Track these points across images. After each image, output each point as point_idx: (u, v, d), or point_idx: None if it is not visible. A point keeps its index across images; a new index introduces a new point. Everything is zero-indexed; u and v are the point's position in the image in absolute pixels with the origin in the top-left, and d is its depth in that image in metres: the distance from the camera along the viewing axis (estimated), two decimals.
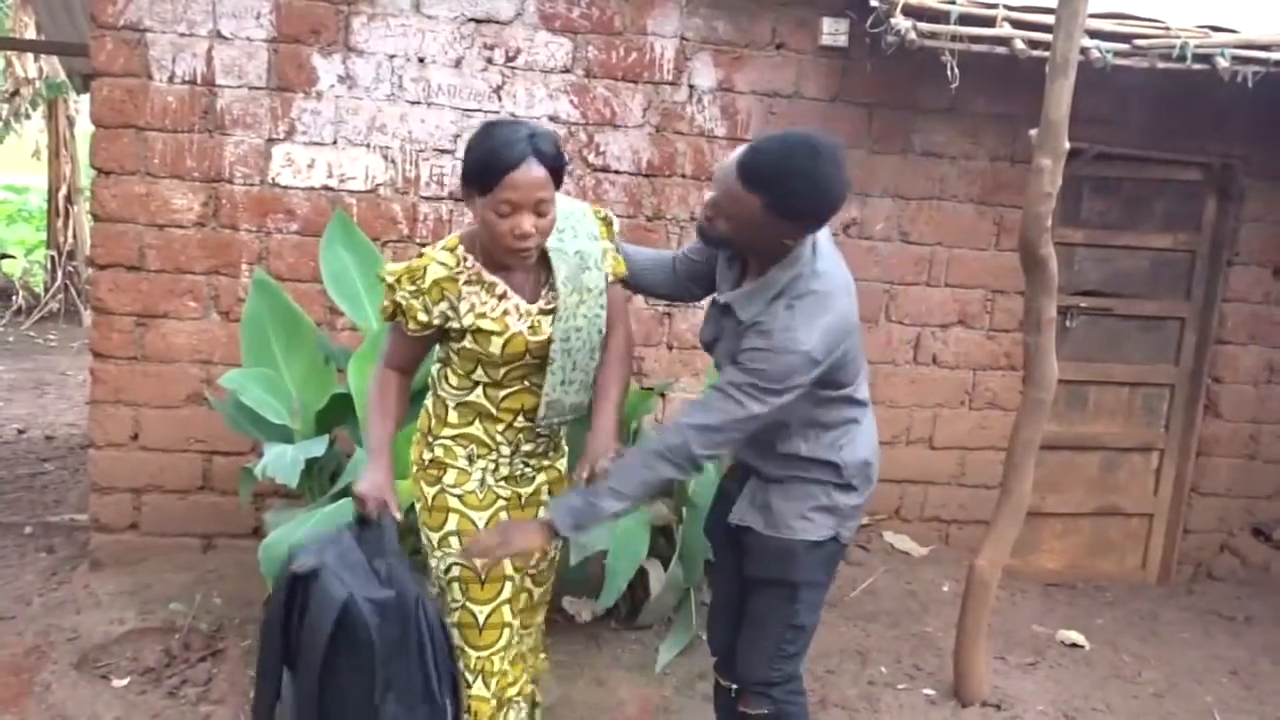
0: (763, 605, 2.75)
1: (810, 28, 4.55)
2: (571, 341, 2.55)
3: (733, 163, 2.41)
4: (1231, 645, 4.66)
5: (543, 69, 4.41)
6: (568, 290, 2.53)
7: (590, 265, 2.58)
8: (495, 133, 2.37)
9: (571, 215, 2.60)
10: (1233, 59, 4.17)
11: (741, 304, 2.55)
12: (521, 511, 2.70)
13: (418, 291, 2.48)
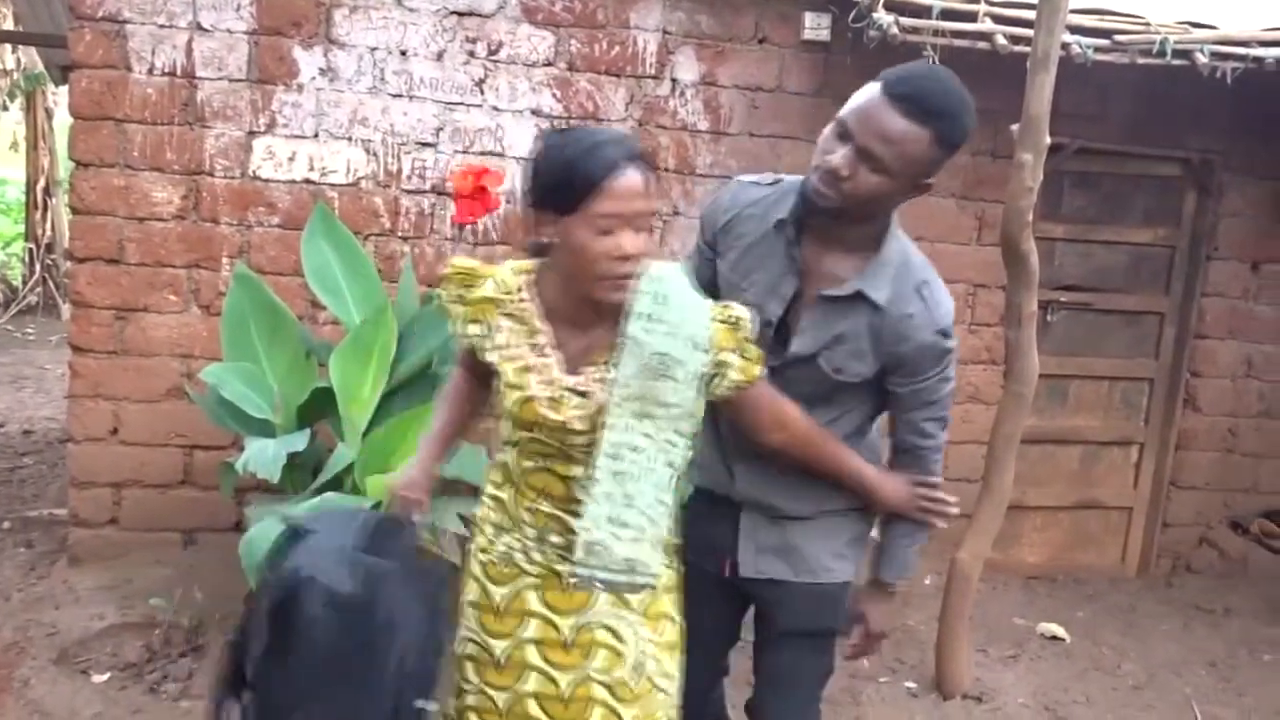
0: (794, 660, 2.43)
1: (793, 22, 4.55)
2: (624, 464, 1.96)
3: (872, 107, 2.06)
4: (1210, 638, 4.70)
5: (525, 62, 4.40)
6: (626, 393, 1.96)
7: (674, 376, 1.95)
8: (575, 138, 1.96)
9: (680, 306, 1.97)
10: (1212, 55, 4.19)
11: (873, 287, 2.19)
12: (560, 594, 2.10)
13: (459, 300, 2.11)
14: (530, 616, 2.12)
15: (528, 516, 2.11)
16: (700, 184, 4.58)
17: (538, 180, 1.97)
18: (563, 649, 2.10)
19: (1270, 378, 5.43)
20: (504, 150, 4.42)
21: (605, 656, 2.10)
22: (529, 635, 2.12)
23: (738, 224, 2.26)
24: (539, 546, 2.11)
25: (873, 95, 2.07)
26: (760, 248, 2.23)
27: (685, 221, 4.58)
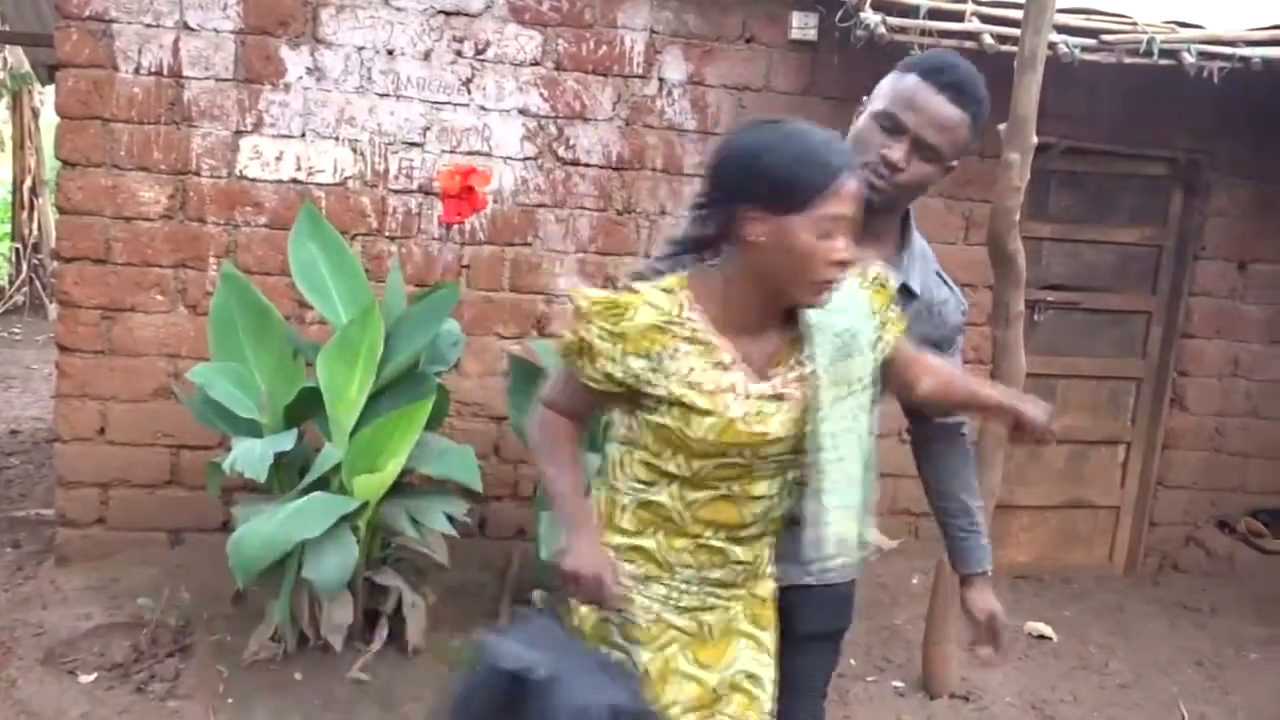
0: (811, 662, 2.38)
1: (780, 22, 4.55)
2: (841, 450, 1.93)
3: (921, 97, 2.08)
4: (1196, 636, 4.72)
5: (513, 62, 4.39)
6: (828, 380, 1.91)
7: (861, 349, 1.95)
8: (797, 134, 1.82)
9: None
10: (1199, 54, 4.20)
11: (911, 278, 2.23)
12: (707, 648, 2.01)
13: (615, 335, 1.87)
14: (683, 679, 2.00)
15: (687, 557, 1.97)
16: (688, 184, 4.57)
17: (759, 177, 1.79)
18: (709, 704, 2.02)
19: (1257, 377, 5.44)
20: (491, 150, 4.42)
21: (740, 701, 2.05)
22: (680, 698, 1.99)
23: None
24: (693, 587, 1.99)
25: (917, 85, 2.09)
26: None
27: (672, 222, 4.58)
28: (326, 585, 3.45)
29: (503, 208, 4.46)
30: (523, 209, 4.49)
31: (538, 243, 4.52)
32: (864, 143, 2.12)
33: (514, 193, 4.47)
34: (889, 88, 2.14)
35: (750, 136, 1.85)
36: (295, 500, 3.46)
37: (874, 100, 2.16)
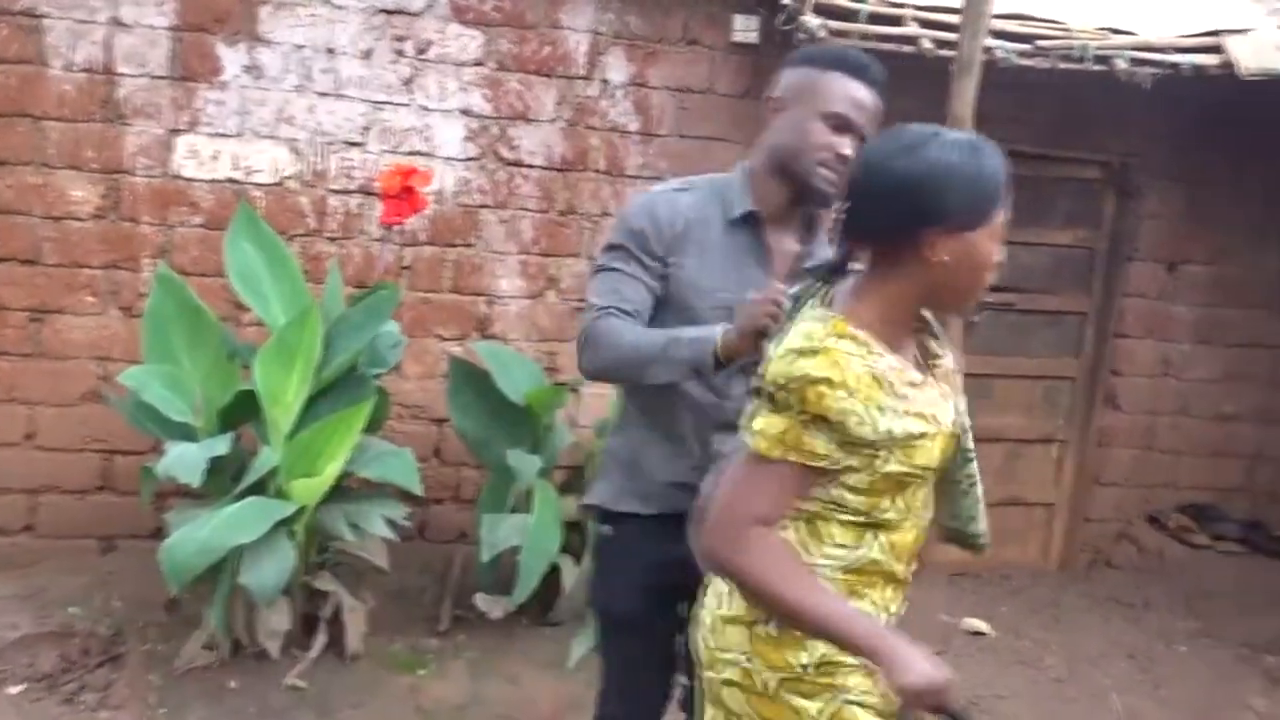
0: None
1: (722, 24, 4.57)
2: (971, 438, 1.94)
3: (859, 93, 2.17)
4: (1129, 630, 4.80)
5: (455, 61, 4.36)
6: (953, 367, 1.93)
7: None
8: (968, 146, 1.77)
9: None
10: (1131, 60, 4.28)
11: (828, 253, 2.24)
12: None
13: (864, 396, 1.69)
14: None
15: (894, 604, 1.88)
16: (630, 185, 4.57)
17: (949, 199, 1.70)
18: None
19: (1187, 376, 5.56)
20: (433, 150, 4.38)
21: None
22: None
23: (689, 230, 2.22)
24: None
25: (853, 84, 2.16)
26: (720, 247, 2.22)
27: None
28: (263, 591, 3.40)
29: (444, 208, 4.43)
30: (464, 210, 4.46)
31: (480, 244, 4.50)
32: (813, 143, 2.15)
33: (456, 193, 4.44)
34: (820, 86, 2.16)
35: (922, 157, 1.71)
36: (231, 505, 3.40)
37: (808, 99, 2.17)
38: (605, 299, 2.18)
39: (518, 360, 4.26)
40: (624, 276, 2.19)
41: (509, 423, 4.09)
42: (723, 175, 2.31)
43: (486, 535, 3.78)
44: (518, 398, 4.04)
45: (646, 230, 2.19)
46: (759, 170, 2.25)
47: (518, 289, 4.56)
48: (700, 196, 2.25)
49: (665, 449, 2.27)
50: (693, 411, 2.24)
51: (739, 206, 2.23)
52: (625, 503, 2.30)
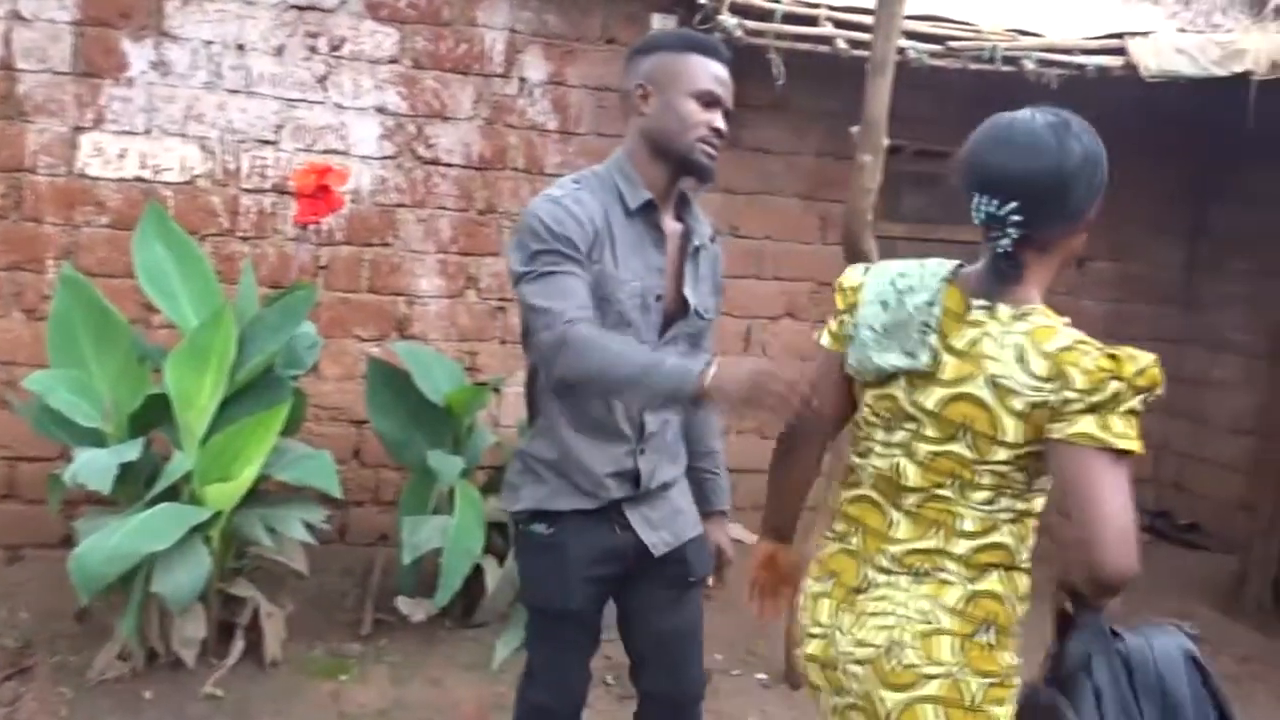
0: (694, 609, 2.51)
1: (640, 23, 4.57)
2: None
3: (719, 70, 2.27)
4: (1044, 622, 4.89)
5: (369, 59, 4.31)
6: None
7: None
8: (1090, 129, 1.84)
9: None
10: (1038, 62, 4.38)
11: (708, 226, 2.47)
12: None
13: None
14: None
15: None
16: (549, 183, 4.52)
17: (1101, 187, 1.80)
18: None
19: None
20: (348, 148, 4.33)
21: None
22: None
23: (600, 226, 2.23)
24: None
25: (710, 63, 2.25)
26: (625, 238, 2.26)
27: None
28: (177, 599, 3.32)
29: (361, 207, 4.38)
30: (382, 209, 4.41)
31: (398, 243, 4.45)
32: (691, 122, 2.23)
33: (372, 192, 4.39)
34: (683, 68, 2.24)
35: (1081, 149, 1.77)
36: (143, 512, 3.32)
37: (675, 81, 2.23)
38: (565, 302, 2.11)
39: (438, 360, 4.22)
40: (569, 278, 2.15)
41: (429, 423, 4.05)
42: (600, 167, 2.33)
43: (408, 537, 3.74)
44: (438, 398, 4.00)
45: (571, 232, 2.18)
46: (639, 157, 2.29)
47: (437, 288, 4.52)
48: (595, 191, 2.27)
49: (599, 441, 2.29)
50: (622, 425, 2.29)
51: (638, 196, 2.26)
52: (564, 500, 2.30)
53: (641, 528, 2.36)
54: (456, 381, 4.14)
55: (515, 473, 2.39)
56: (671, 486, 2.43)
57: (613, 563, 2.35)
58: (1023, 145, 1.77)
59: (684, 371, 1.95)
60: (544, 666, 2.45)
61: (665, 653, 2.50)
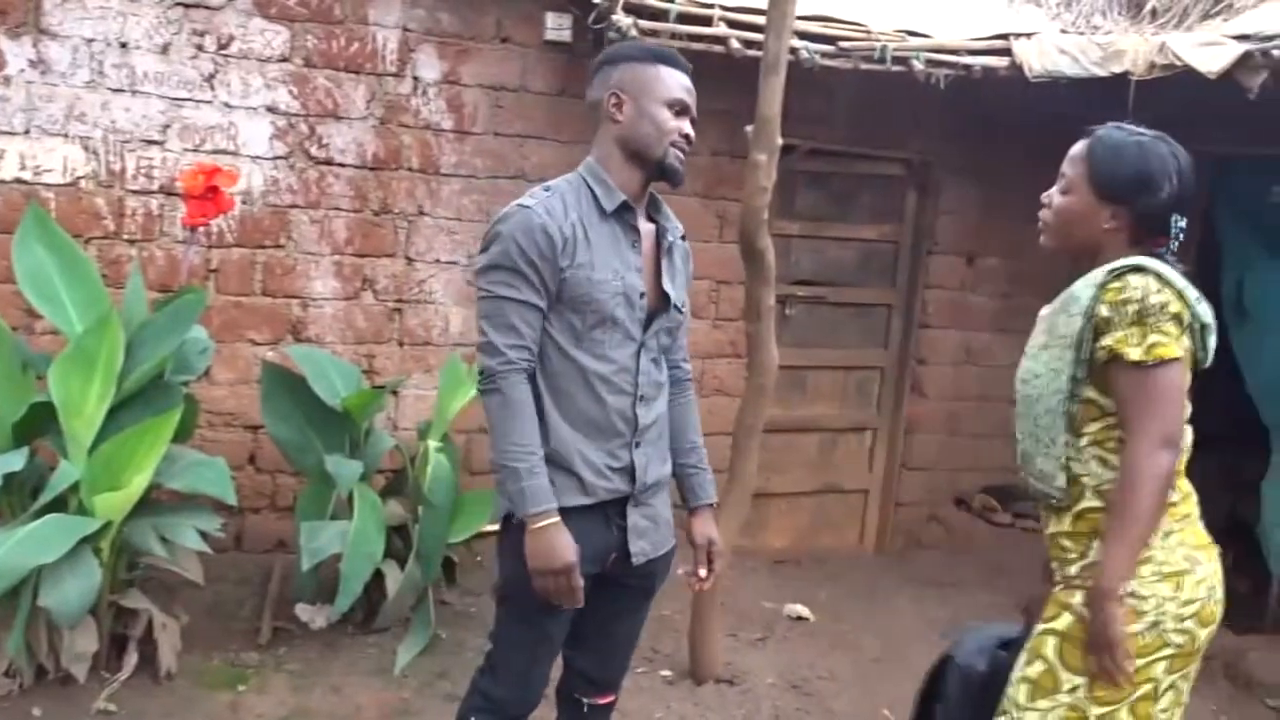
0: (644, 616, 2.67)
1: (534, 22, 4.57)
2: (1030, 386, 2.32)
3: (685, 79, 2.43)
4: (940, 607, 5.02)
5: (259, 57, 4.23)
6: (1040, 326, 2.36)
7: (1072, 311, 2.21)
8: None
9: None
10: (927, 62, 4.48)
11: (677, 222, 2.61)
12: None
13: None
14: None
15: None
16: (445, 184, 4.53)
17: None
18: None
19: (986, 363, 5.85)
20: (238, 149, 4.25)
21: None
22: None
23: (575, 232, 2.31)
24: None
25: (677, 74, 2.39)
26: (601, 239, 2.35)
27: (430, 222, 4.53)
28: (67, 613, 3.22)
29: (252, 209, 4.30)
30: (274, 210, 4.33)
31: (291, 245, 4.38)
32: (665, 129, 2.37)
33: (264, 193, 4.31)
34: (652, 77, 2.37)
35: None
36: (29, 524, 3.22)
37: (649, 90, 2.37)
38: (508, 337, 2.26)
39: (334, 364, 4.16)
40: (517, 305, 2.27)
41: (327, 427, 4.00)
42: (572, 175, 2.42)
43: (306, 543, 3.69)
44: (335, 402, 3.95)
45: (540, 246, 2.26)
46: (612, 162, 2.39)
47: (332, 290, 4.46)
48: (568, 198, 2.35)
49: (594, 434, 2.37)
50: (614, 394, 2.37)
51: (614, 198, 2.37)
52: (566, 498, 2.33)
53: (632, 533, 2.45)
54: (354, 385, 4.09)
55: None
56: (661, 488, 2.53)
57: (597, 562, 2.40)
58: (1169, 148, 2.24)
59: (524, 500, 2.22)
60: (513, 663, 2.48)
61: (606, 646, 2.61)
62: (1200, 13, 4.82)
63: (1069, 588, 2.23)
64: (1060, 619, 2.21)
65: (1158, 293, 2.11)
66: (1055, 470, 2.24)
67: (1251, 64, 4.14)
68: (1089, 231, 2.26)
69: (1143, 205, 2.19)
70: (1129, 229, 2.22)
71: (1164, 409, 2.10)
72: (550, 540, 2.22)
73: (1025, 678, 2.24)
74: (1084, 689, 2.16)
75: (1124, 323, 2.11)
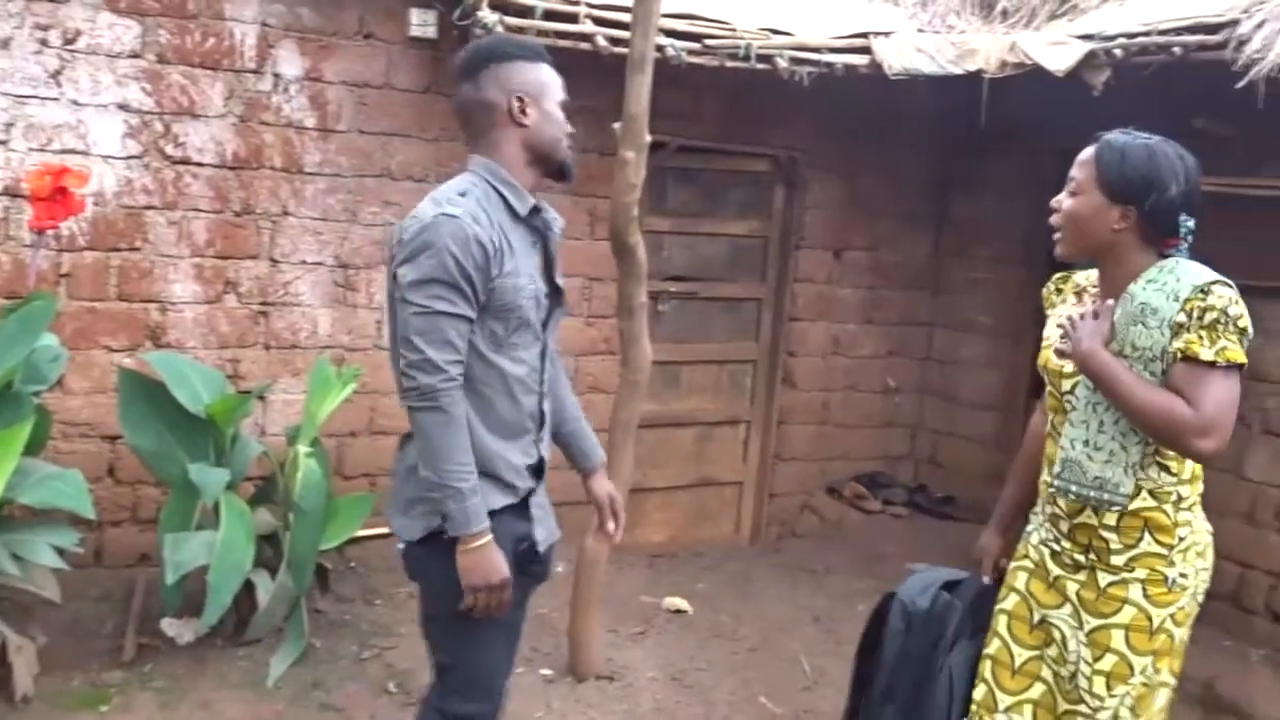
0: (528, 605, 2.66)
1: (398, 18, 4.50)
2: (1097, 395, 2.32)
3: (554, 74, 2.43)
4: (814, 595, 5.12)
5: (108, 53, 4.07)
6: (1113, 335, 2.32)
7: (1151, 323, 2.27)
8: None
9: (1173, 274, 2.30)
10: (790, 60, 4.55)
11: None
12: (1046, 589, 2.48)
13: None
14: (1012, 591, 2.56)
15: (1044, 488, 2.49)
16: (310, 183, 4.43)
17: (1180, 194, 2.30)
18: (1026, 627, 2.51)
19: (853, 354, 5.99)
20: (88, 148, 4.08)
21: (1056, 650, 2.45)
22: (1004, 606, 2.57)
23: (500, 239, 2.29)
24: (1045, 525, 2.50)
25: (552, 70, 2.41)
26: (518, 245, 2.35)
27: (295, 222, 4.43)
28: None
29: (105, 210, 4.14)
30: (128, 211, 4.18)
31: (148, 247, 4.22)
32: (564, 130, 2.41)
33: (117, 194, 4.15)
34: (547, 78, 2.41)
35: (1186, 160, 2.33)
36: None
37: (546, 91, 2.39)
38: (444, 353, 2.22)
39: (196, 369, 4.03)
40: (453, 319, 2.23)
41: (190, 435, 3.87)
42: (472, 178, 2.36)
43: (170, 555, 3.57)
44: (198, 409, 3.83)
45: (476, 259, 2.23)
46: (515, 164, 2.37)
47: (193, 294, 4.32)
48: (483, 203, 2.31)
49: (511, 435, 2.38)
50: (527, 394, 2.40)
51: (525, 202, 2.37)
52: (492, 500, 2.32)
53: (536, 522, 2.47)
54: (218, 390, 3.97)
55: (413, 487, 2.35)
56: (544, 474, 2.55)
57: (527, 555, 2.43)
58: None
59: (467, 520, 2.22)
60: (473, 676, 2.46)
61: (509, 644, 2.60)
62: (1048, 13, 5.00)
63: (1119, 581, 2.36)
64: (1122, 613, 2.35)
65: (1236, 304, 2.24)
66: (1123, 477, 2.32)
67: (1096, 62, 4.32)
68: (1099, 232, 2.35)
69: (1151, 204, 2.28)
70: (1139, 229, 2.32)
71: (1224, 404, 2.21)
72: (489, 557, 2.25)
73: (1099, 671, 2.37)
74: (1150, 665, 2.37)
75: (1196, 326, 2.23)
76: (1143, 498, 2.33)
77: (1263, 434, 4.55)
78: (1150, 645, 2.35)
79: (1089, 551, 2.39)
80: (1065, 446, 2.38)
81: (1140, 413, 2.24)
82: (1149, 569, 2.33)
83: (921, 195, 6.03)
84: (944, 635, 2.67)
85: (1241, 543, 4.57)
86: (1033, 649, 2.50)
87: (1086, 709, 2.40)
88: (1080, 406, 2.36)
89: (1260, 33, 3.84)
